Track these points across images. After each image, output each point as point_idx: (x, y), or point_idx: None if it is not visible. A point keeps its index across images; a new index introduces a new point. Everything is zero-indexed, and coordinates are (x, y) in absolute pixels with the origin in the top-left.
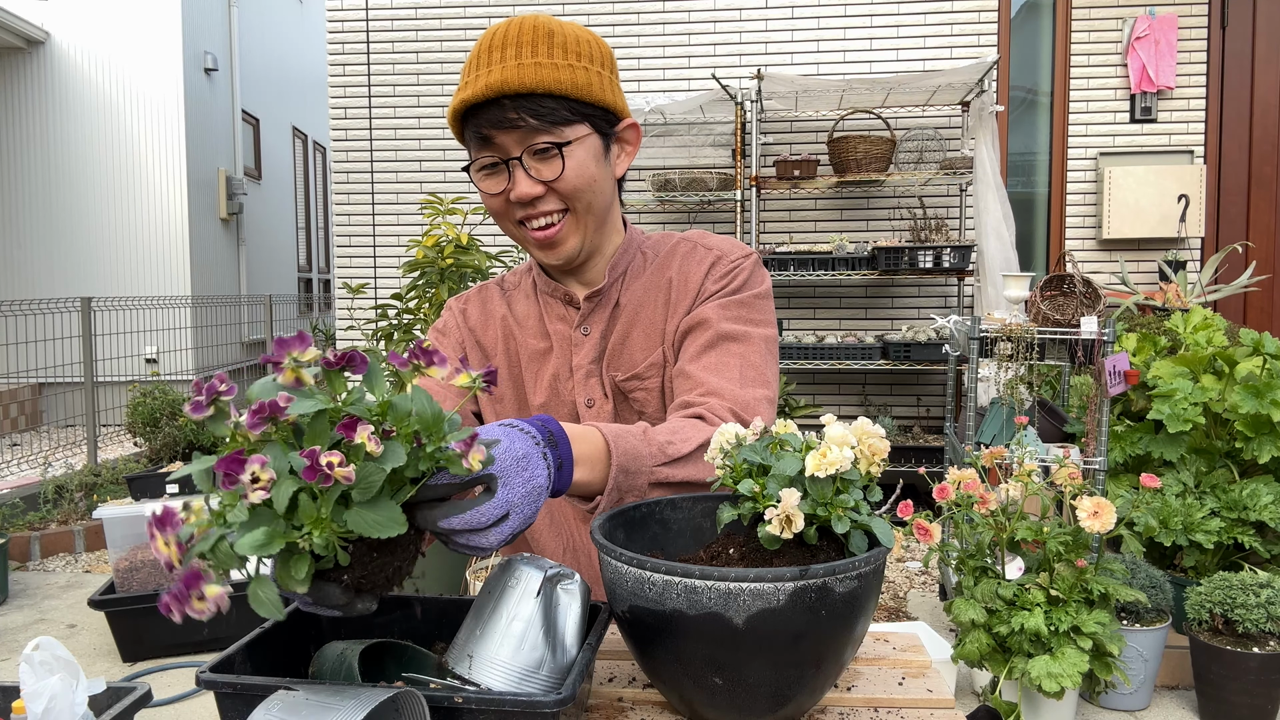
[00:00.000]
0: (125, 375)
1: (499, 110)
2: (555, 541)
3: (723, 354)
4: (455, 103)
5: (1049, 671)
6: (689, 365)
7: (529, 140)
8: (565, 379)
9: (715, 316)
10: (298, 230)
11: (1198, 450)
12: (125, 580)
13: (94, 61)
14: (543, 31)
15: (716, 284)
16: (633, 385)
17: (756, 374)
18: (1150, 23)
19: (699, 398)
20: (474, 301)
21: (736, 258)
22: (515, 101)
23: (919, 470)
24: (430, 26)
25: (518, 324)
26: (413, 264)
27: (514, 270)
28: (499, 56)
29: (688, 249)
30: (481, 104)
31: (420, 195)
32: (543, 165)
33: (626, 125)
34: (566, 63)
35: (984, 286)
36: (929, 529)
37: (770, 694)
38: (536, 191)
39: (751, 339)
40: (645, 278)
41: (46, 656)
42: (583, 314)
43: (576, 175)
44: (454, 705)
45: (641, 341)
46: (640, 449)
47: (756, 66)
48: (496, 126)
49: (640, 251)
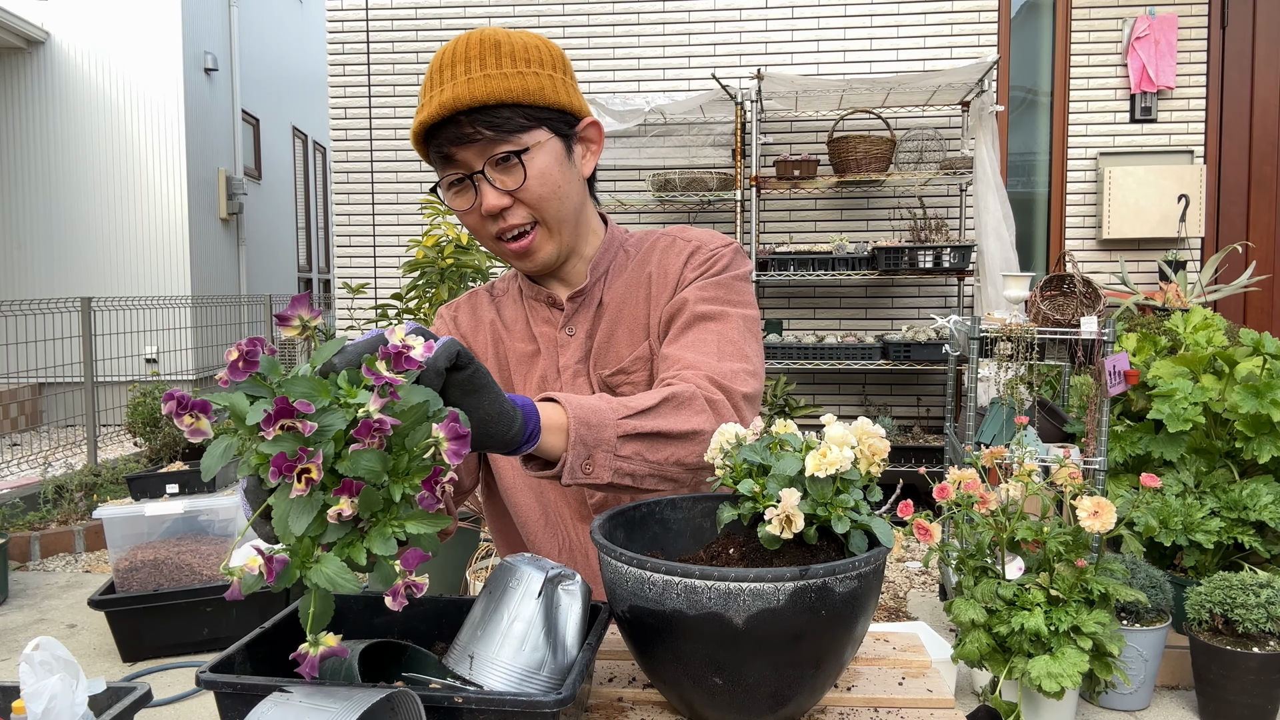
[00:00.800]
0: (125, 375)
1: (455, 127)
2: (551, 541)
3: (700, 332)
4: (415, 126)
5: (1049, 671)
6: (668, 348)
7: (488, 152)
8: (553, 380)
9: (693, 298)
10: (298, 230)
11: (1198, 450)
12: (125, 580)
13: (94, 61)
14: (489, 44)
15: (695, 270)
16: (619, 380)
17: (734, 349)
18: (1150, 23)
19: (675, 372)
20: (464, 308)
21: (715, 246)
22: (470, 116)
23: (919, 470)
24: (430, 26)
25: (506, 329)
26: (413, 264)
27: (503, 276)
28: (449, 75)
29: (667, 243)
30: (439, 123)
31: (420, 195)
32: (505, 176)
33: (587, 124)
34: (516, 70)
35: (984, 286)
36: (929, 529)
37: (770, 694)
38: (504, 203)
39: (729, 317)
40: (627, 274)
41: (46, 656)
42: (566, 315)
43: (539, 182)
44: (454, 705)
45: (626, 338)
46: (599, 405)
47: (756, 66)
48: (455, 143)
49: (622, 249)
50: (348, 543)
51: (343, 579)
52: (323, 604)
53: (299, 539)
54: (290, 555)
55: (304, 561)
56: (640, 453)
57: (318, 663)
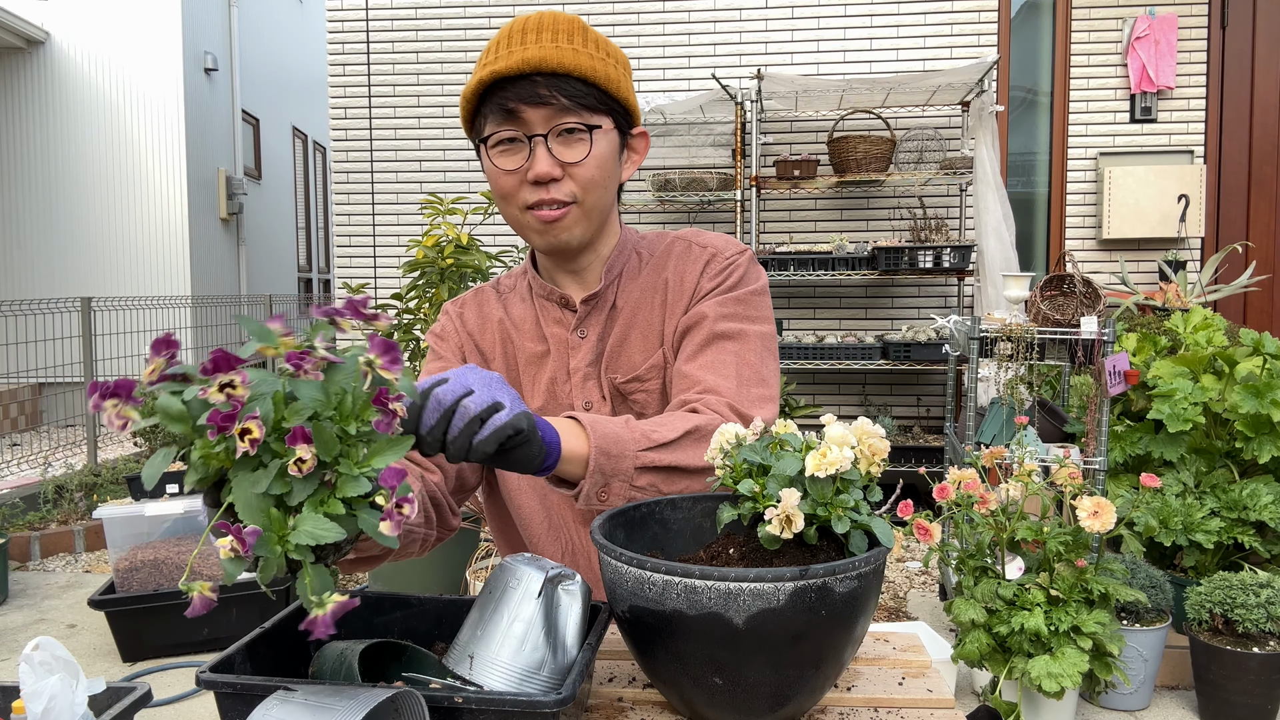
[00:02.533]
0: (125, 375)
1: (530, 86)
2: (554, 544)
3: (719, 352)
4: (483, 74)
5: (1049, 671)
6: (685, 365)
7: (556, 120)
8: (563, 382)
9: (711, 314)
10: (298, 230)
11: (1198, 450)
12: (125, 580)
13: (94, 61)
14: (578, 25)
15: (712, 281)
16: (633, 387)
17: (752, 372)
18: (1150, 23)
19: (696, 395)
20: (470, 305)
21: (731, 254)
22: (549, 79)
23: (919, 470)
24: (430, 26)
25: (514, 327)
26: (413, 264)
27: (509, 273)
28: (534, 38)
29: (683, 248)
30: (512, 78)
31: (420, 195)
32: (565, 148)
33: (639, 133)
34: (601, 55)
35: (984, 286)
36: (929, 529)
37: (770, 694)
38: (556, 173)
39: (747, 337)
40: (641, 279)
41: (46, 656)
42: (579, 317)
43: (596, 164)
44: (454, 705)
45: (640, 343)
46: (622, 434)
47: (756, 66)
48: (526, 101)
49: (635, 252)
50: (320, 500)
51: (323, 529)
52: (317, 576)
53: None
54: (264, 533)
55: (280, 533)
56: (655, 484)
57: (330, 620)
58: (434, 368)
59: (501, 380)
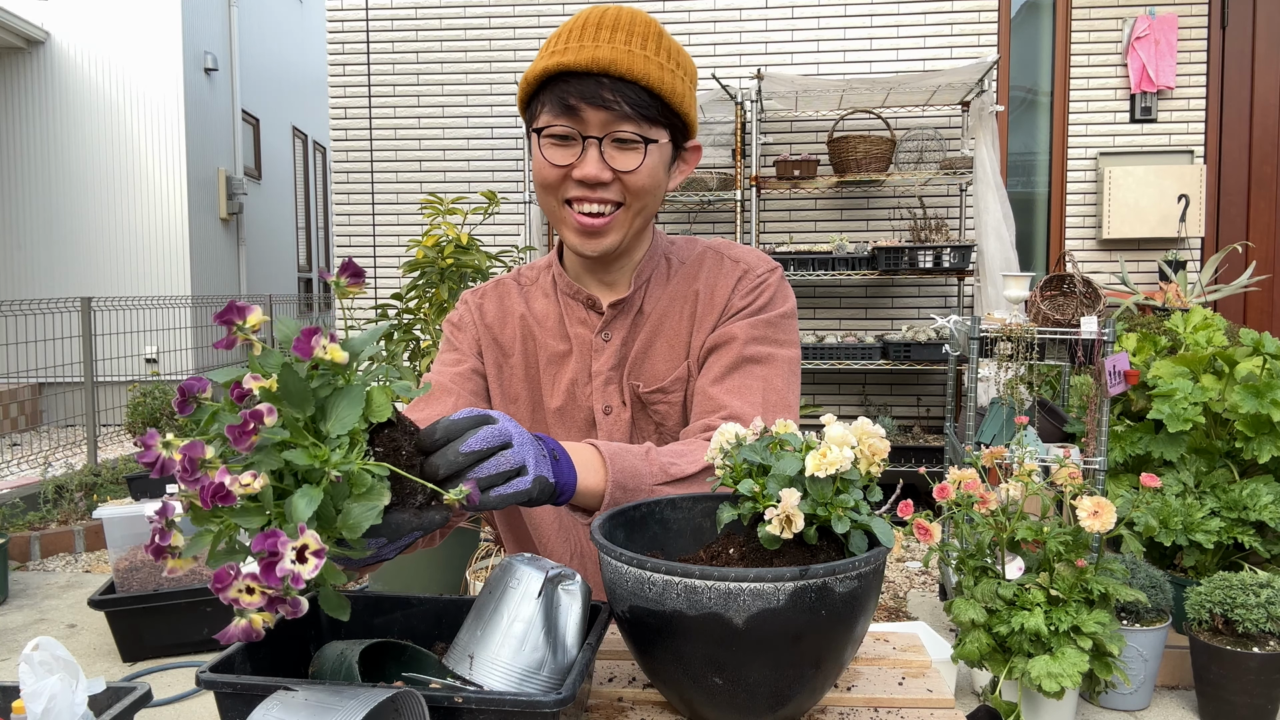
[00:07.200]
0: (125, 375)
1: (595, 86)
2: (564, 547)
3: (746, 376)
4: (549, 63)
5: (1049, 671)
6: (711, 387)
7: (614, 126)
8: (584, 384)
9: (741, 336)
10: (298, 230)
11: (1198, 450)
12: (125, 580)
13: (94, 61)
14: (654, 29)
15: (744, 300)
16: (656, 398)
17: (779, 398)
18: (1150, 23)
19: (720, 420)
20: (491, 297)
21: (762, 272)
22: (615, 83)
23: (919, 470)
24: (430, 26)
25: (537, 323)
26: (413, 264)
27: (531, 265)
28: (607, 36)
29: (715, 260)
30: (579, 74)
31: (420, 195)
32: (619, 154)
33: (692, 145)
34: (670, 66)
35: (984, 286)
36: (929, 529)
37: (770, 694)
38: (605, 177)
39: (775, 361)
40: (670, 287)
41: (46, 656)
42: (605, 320)
43: (648, 175)
44: (454, 705)
45: (665, 353)
46: (640, 467)
47: (756, 66)
48: (588, 100)
49: (665, 258)
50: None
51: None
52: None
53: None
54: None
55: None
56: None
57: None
58: (449, 358)
59: (534, 440)
